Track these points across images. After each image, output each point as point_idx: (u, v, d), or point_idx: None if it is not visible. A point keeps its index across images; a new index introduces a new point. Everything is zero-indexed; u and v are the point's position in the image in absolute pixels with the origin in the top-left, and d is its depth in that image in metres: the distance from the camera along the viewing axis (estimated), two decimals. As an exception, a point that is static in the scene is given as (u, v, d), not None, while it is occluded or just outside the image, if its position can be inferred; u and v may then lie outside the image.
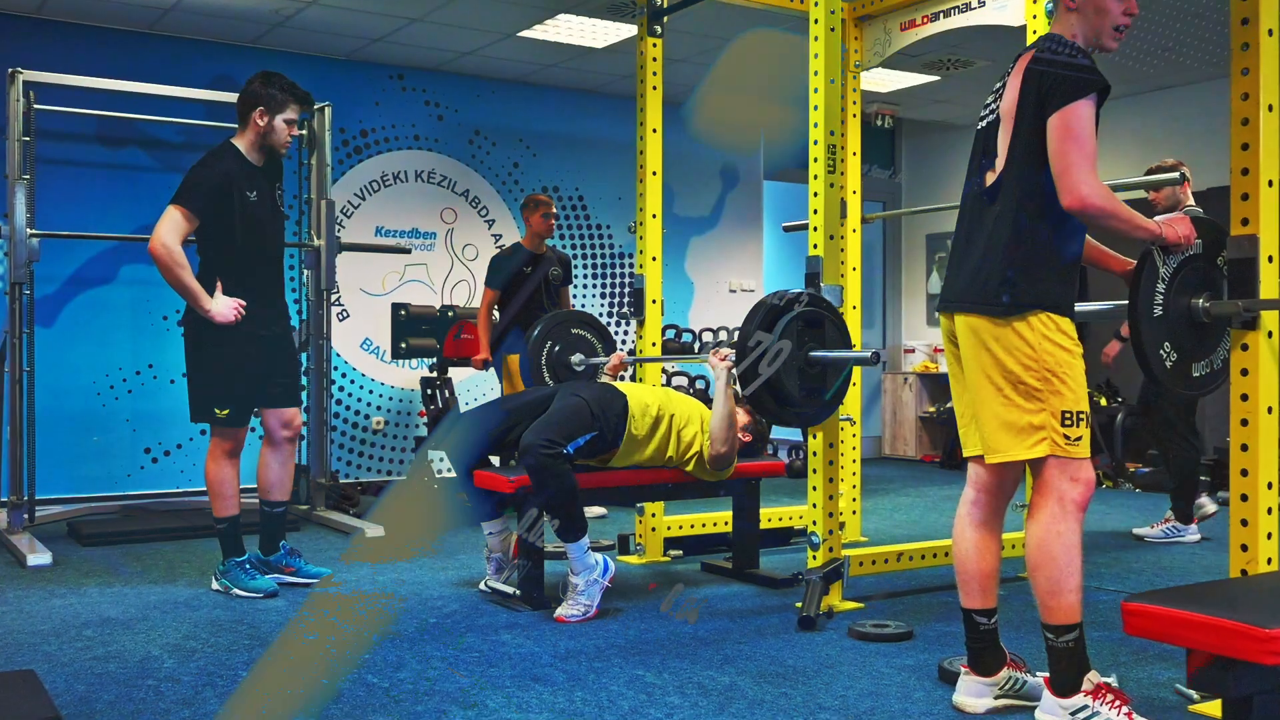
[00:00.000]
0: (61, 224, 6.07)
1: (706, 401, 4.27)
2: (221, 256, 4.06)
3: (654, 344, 4.81)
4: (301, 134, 6.10)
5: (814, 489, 3.89)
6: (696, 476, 4.16)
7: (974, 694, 2.79)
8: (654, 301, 4.81)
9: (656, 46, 4.80)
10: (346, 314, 7.32)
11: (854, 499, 5.33)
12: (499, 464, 4.49)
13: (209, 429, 4.12)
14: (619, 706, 2.79)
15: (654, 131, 4.79)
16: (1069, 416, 2.54)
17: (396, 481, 7.23)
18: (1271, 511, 2.76)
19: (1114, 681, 2.93)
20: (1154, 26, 6.53)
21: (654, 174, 4.81)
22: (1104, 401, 7.80)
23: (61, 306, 6.41)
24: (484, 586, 4.10)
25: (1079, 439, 2.55)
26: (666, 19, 4.84)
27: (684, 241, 8.62)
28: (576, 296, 8.04)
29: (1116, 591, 4.22)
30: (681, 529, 4.90)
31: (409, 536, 5.45)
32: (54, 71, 5.65)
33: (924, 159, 9.99)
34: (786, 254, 9.96)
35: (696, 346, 8.07)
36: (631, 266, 8.40)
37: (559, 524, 3.76)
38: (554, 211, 6.14)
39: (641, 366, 4.84)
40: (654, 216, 4.82)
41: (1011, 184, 2.61)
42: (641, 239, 4.83)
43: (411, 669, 3.13)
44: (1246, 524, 2.76)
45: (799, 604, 3.78)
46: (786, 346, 3.44)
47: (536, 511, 3.81)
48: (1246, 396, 2.76)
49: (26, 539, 4.96)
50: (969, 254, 2.68)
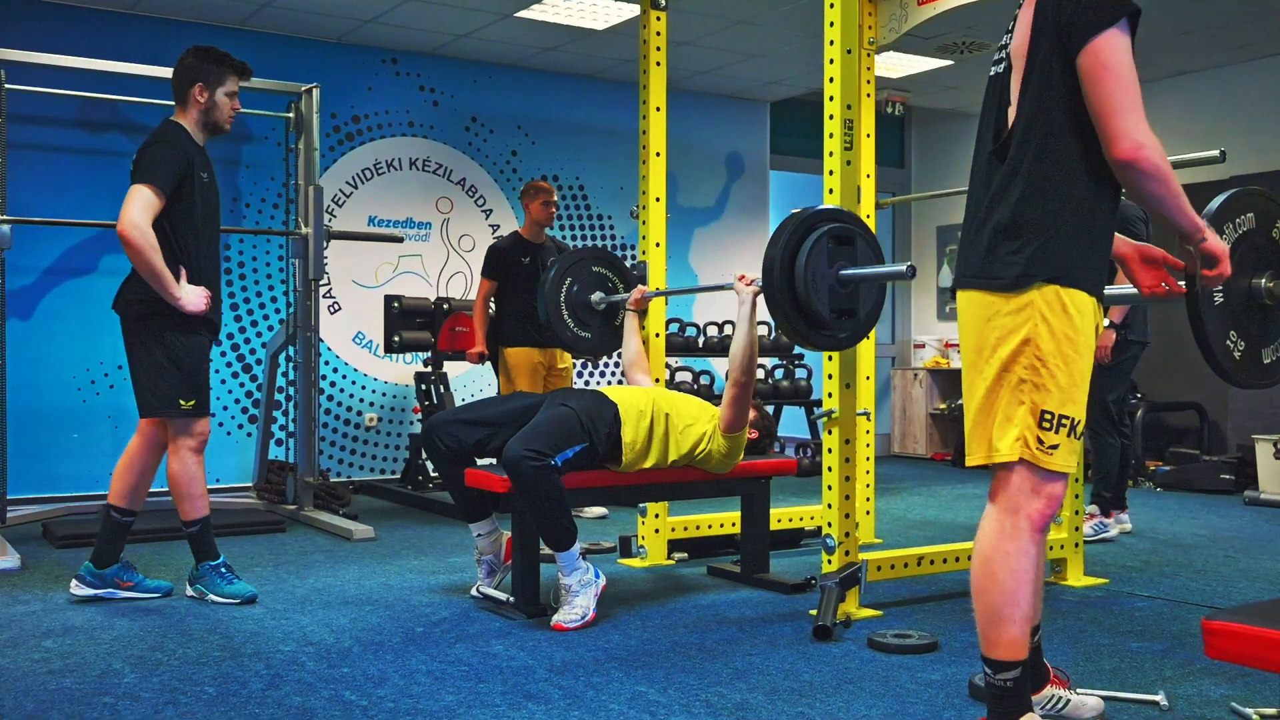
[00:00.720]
0: (40, 211, 5.82)
1: (713, 400, 4.02)
2: (183, 242, 3.75)
3: (657, 334, 4.55)
4: (288, 117, 5.84)
5: (829, 488, 3.63)
6: (707, 470, 3.89)
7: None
8: (657, 290, 4.55)
9: (660, 20, 4.54)
10: (338, 307, 7.06)
11: (868, 499, 5.07)
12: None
13: (171, 424, 3.81)
14: (619, 728, 2.53)
15: (657, 110, 4.53)
16: (1049, 419, 2.13)
17: (390, 480, 6.97)
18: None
19: (1162, 700, 2.67)
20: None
21: (657, 155, 4.55)
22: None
23: (40, 298, 6.16)
24: (475, 592, 3.84)
25: (1055, 447, 2.14)
26: (671, -9, 4.58)
27: (688, 233, 8.36)
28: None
29: (1150, 598, 3.95)
30: (686, 530, 4.64)
31: (399, 538, 5.20)
32: (28, 50, 5.39)
33: (934, 149, 9.72)
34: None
35: (700, 341, 7.80)
36: (634, 257, 8.14)
37: (547, 535, 3.51)
38: (555, 200, 5.87)
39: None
40: (657, 200, 4.55)
41: (1025, 137, 2.20)
42: (644, 224, 4.57)
43: (393, 684, 2.86)
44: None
45: (813, 611, 3.52)
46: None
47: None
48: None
49: (-4, 541, 4.70)
50: (979, 224, 2.27)
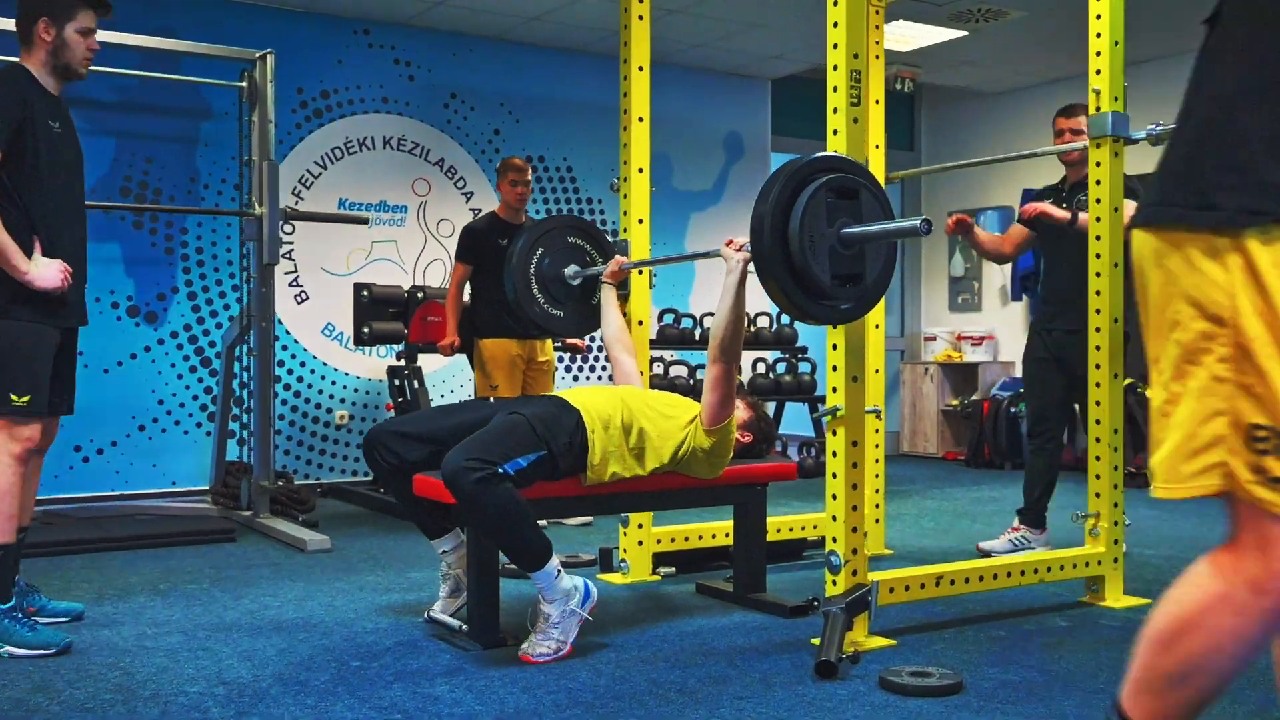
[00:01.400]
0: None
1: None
2: (32, 206, 3.12)
3: (640, 322, 4.05)
4: (241, 86, 5.34)
5: (833, 497, 3.13)
6: (692, 475, 3.39)
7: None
8: (640, 272, 4.05)
9: (643, -32, 4.03)
10: (305, 296, 6.57)
11: (876, 505, 4.57)
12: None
13: None
14: (573, 803, 2.04)
15: (640, 70, 4.03)
16: (1261, 435, 1.36)
17: (361, 483, 6.47)
18: None
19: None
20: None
21: (640, 120, 4.05)
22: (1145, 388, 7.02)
23: (-24, 286, 5.67)
24: (428, 614, 3.35)
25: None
26: (655, -64, 4.07)
27: (684, 217, 7.86)
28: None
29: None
30: (674, 542, 4.14)
31: (359, 549, 4.70)
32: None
33: (947, 131, 9.19)
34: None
35: (697, 334, 7.30)
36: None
37: (510, 556, 3.02)
38: (527, 179, 5.36)
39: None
40: (640, 171, 4.05)
41: None
42: (625, 198, 4.07)
43: (307, 739, 2.37)
44: None
45: (816, 640, 3.02)
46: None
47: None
48: None
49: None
50: (1175, 134, 1.52)
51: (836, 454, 3.14)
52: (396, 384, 6.20)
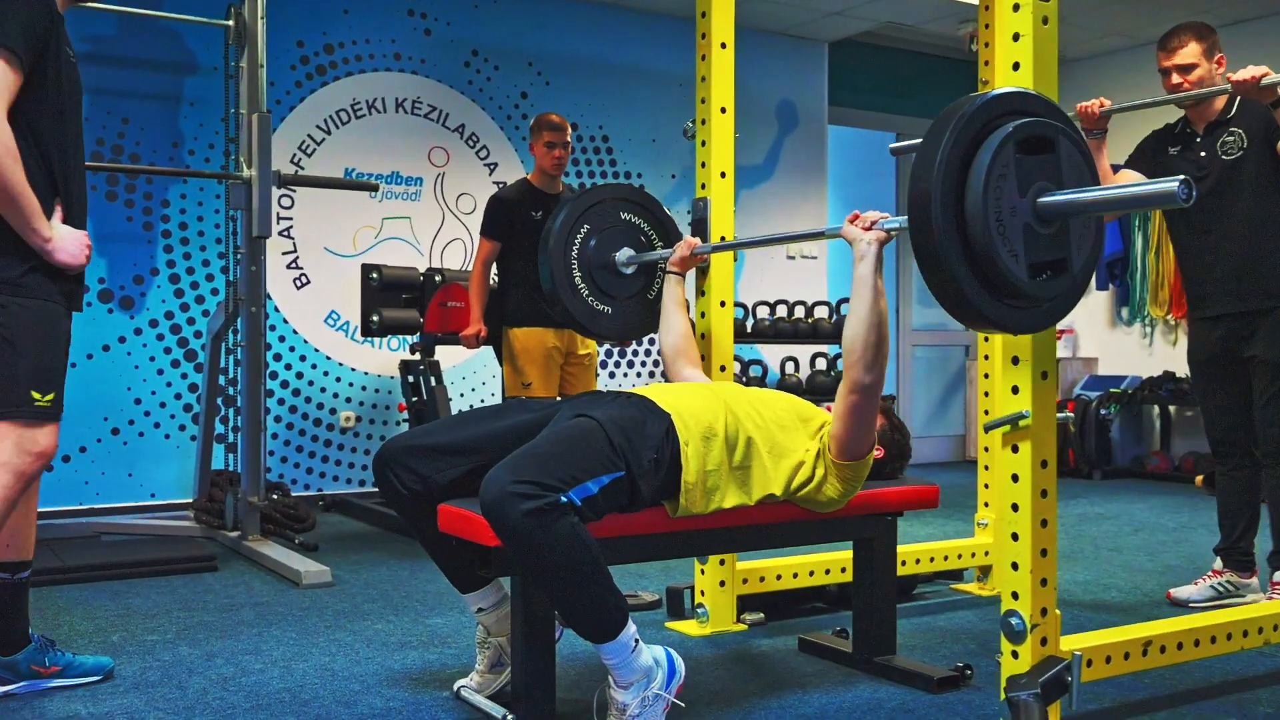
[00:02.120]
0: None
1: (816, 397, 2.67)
2: (50, 157, 2.43)
3: (722, 303, 3.19)
4: (228, 26, 4.49)
5: (1014, 537, 2.28)
6: (802, 509, 2.54)
7: None
8: (723, 239, 3.19)
9: None
10: (305, 279, 5.72)
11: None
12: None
13: (7, 429, 2.43)
14: None
15: (723, -18, 3.17)
16: None
17: (369, 495, 5.63)
18: None
19: None
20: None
21: (723, 46, 3.19)
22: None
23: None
24: (458, 691, 2.50)
25: None
26: None
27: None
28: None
29: None
30: (763, 581, 3.29)
31: (366, 581, 3.86)
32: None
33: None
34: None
35: (749, 324, 6.44)
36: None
37: (572, 618, 2.17)
38: (566, 140, 4.51)
39: (705, 339, 3.20)
40: (723, 111, 3.19)
41: None
42: (704, 145, 3.21)
43: None
44: None
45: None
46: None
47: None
48: None
49: None
50: None
51: (1019, 478, 2.28)
52: (410, 381, 5.36)
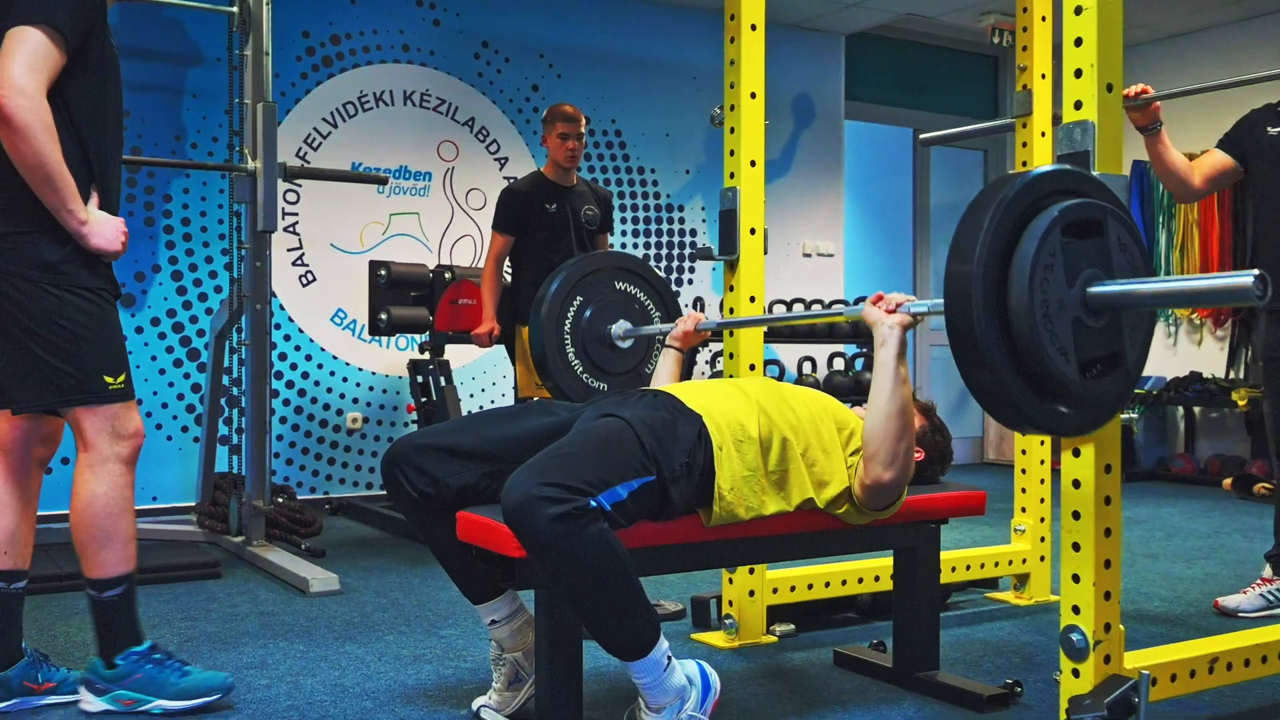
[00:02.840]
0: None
1: (854, 394, 2.51)
2: (87, 142, 2.36)
3: (752, 298, 3.03)
4: (232, 12, 4.34)
5: (1075, 548, 2.13)
6: (839, 519, 2.38)
7: None
8: (753, 231, 3.04)
9: None
10: (312, 277, 5.57)
11: (1042, 537, 3.56)
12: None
13: (86, 420, 2.37)
14: None
15: (753, -39, 3.02)
16: None
17: (377, 498, 5.47)
18: None
19: None
20: None
21: (753, 28, 3.04)
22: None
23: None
24: (477, 712, 2.35)
25: None
26: None
27: (748, 191, 6.82)
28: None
29: None
30: (794, 590, 3.13)
31: (376, 589, 3.70)
32: None
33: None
34: (872, 210, 8.15)
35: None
36: (682, 221, 6.63)
37: (601, 633, 2.01)
38: (580, 131, 4.36)
39: (732, 335, 3.05)
40: (753, 96, 3.04)
41: None
42: (732, 132, 3.06)
43: None
44: None
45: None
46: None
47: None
48: None
49: None
50: None
51: (1080, 483, 2.13)
52: (420, 381, 5.21)
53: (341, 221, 5.62)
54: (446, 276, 5.02)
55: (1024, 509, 3.58)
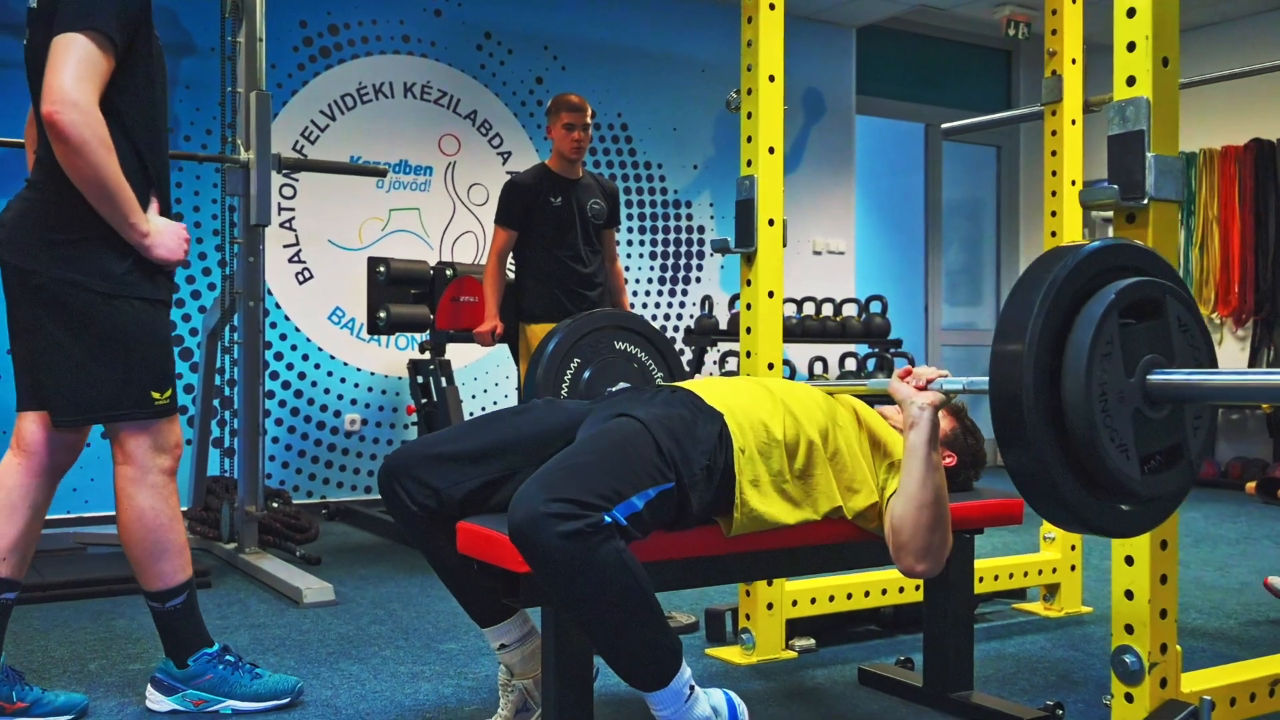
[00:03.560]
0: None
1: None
2: (142, 146, 2.30)
3: (771, 293, 2.86)
4: (224, -3, 4.18)
5: (1128, 562, 1.96)
6: (863, 529, 2.20)
7: None
8: (771, 223, 2.87)
9: None
10: (309, 274, 5.41)
11: (1073, 545, 3.39)
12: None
13: (127, 434, 2.30)
14: None
15: (771, -64, 2.85)
16: None
17: (375, 502, 5.31)
18: None
19: None
20: None
21: (771, 7, 2.87)
22: None
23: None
24: (479, 738, 2.18)
25: None
26: None
27: (757, 187, 6.66)
28: (619, 255, 6.09)
29: None
30: (814, 603, 2.95)
31: (373, 599, 3.53)
32: None
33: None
34: (883, 207, 7.97)
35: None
36: (690, 218, 6.46)
37: (614, 658, 1.83)
38: (585, 122, 4.20)
39: (750, 332, 2.87)
40: (771, 79, 2.87)
41: None
42: (749, 117, 2.89)
43: None
44: None
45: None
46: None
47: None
48: None
49: None
50: None
51: (1134, 492, 1.95)
52: (420, 382, 5.04)
53: (339, 217, 5.46)
54: (448, 273, 4.85)
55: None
